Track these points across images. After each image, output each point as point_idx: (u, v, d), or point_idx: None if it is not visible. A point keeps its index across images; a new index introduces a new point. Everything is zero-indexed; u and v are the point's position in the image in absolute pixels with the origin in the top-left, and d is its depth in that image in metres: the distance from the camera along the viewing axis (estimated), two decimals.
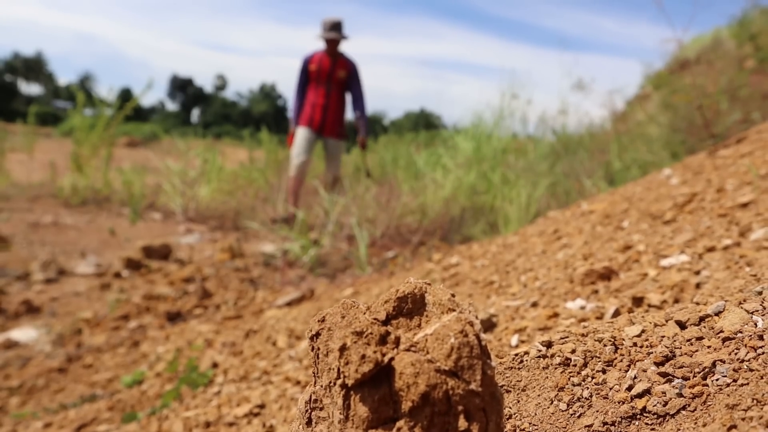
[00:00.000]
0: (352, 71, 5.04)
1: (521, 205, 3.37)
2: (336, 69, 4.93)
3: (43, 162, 5.59)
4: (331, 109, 4.95)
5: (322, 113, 4.91)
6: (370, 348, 0.44)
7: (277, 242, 3.67)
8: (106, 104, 5.22)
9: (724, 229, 1.15)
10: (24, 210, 4.40)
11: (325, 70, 4.91)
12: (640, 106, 4.88)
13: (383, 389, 0.44)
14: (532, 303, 1.17)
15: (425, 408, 0.42)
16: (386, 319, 0.46)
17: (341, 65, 4.96)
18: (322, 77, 4.93)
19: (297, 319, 1.94)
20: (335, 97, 4.96)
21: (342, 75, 4.95)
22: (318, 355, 0.49)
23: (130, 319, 2.62)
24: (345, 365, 0.44)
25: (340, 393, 0.45)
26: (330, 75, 4.93)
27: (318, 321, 0.48)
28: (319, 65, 4.95)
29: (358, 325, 0.45)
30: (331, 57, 4.94)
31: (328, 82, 4.93)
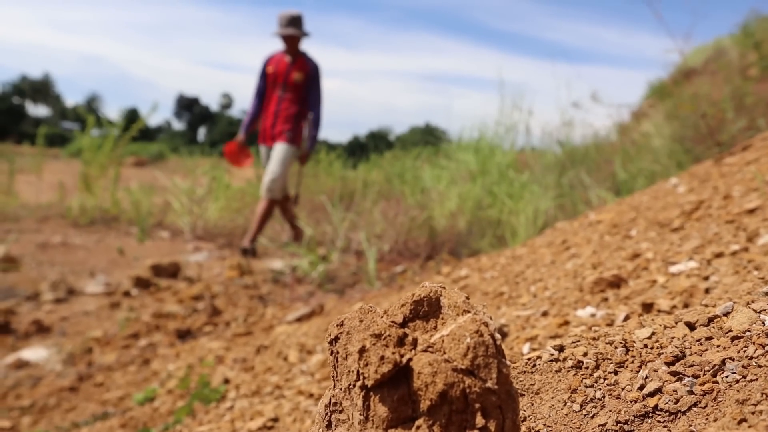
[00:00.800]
0: (311, 74, 4.39)
1: (528, 217, 3.38)
2: (292, 70, 4.33)
3: (52, 183, 5.65)
4: (281, 116, 4.35)
5: (272, 121, 4.35)
6: (388, 349, 0.45)
7: (286, 259, 3.68)
8: (114, 125, 5.29)
9: (731, 235, 1.16)
10: (33, 230, 4.45)
11: (282, 72, 4.34)
12: (645, 117, 4.90)
13: (402, 389, 0.45)
14: (543, 312, 1.18)
15: (443, 406, 0.43)
16: (403, 321, 0.47)
17: (299, 66, 4.35)
18: (278, 80, 4.36)
19: (308, 334, 1.94)
20: (288, 102, 4.35)
21: (298, 78, 4.32)
22: (337, 358, 0.50)
23: (140, 337, 2.63)
24: (364, 367, 0.46)
25: (359, 394, 0.46)
26: (285, 78, 4.34)
27: (337, 325, 0.49)
28: (276, 67, 4.37)
29: (376, 328, 0.46)
30: (290, 57, 4.34)
31: (284, 86, 4.35)
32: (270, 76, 4.38)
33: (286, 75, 4.33)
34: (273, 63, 4.41)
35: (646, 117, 5.00)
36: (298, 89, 4.38)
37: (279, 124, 4.32)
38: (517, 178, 3.89)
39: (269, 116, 4.37)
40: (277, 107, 4.37)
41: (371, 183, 5.23)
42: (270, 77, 4.38)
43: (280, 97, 4.34)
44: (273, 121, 4.33)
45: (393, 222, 3.76)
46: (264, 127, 4.39)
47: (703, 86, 3.98)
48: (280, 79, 4.35)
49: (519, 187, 3.70)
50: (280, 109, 4.36)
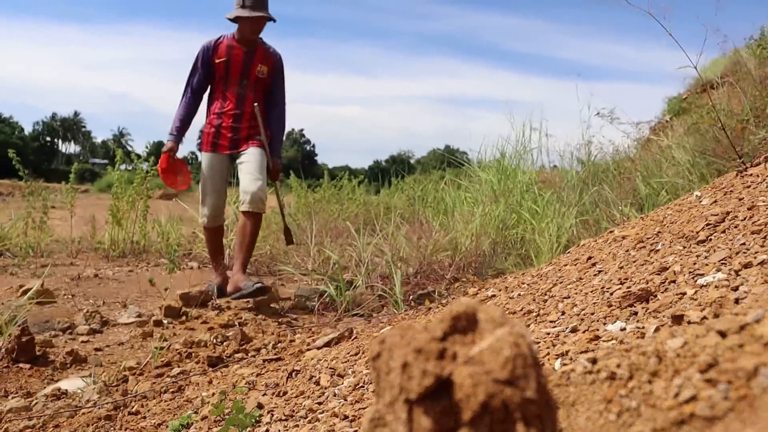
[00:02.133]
0: (276, 66, 3.70)
1: (552, 235, 3.37)
2: (254, 62, 3.59)
3: (83, 217, 5.81)
4: (245, 117, 3.61)
5: (233, 128, 3.61)
6: (430, 363, 0.48)
7: (313, 285, 3.72)
8: (142, 159, 5.44)
9: (758, 245, 1.16)
10: (67, 264, 4.57)
11: (238, 63, 3.56)
12: (665, 132, 4.89)
13: (444, 401, 0.47)
14: (572, 328, 1.19)
15: (485, 417, 0.45)
16: (443, 336, 0.49)
17: (261, 57, 3.61)
18: (233, 74, 3.57)
19: (338, 358, 1.96)
20: (251, 100, 3.61)
21: (262, 71, 3.62)
22: (379, 374, 0.53)
23: (172, 365, 2.66)
24: (407, 381, 0.48)
25: (403, 408, 0.49)
26: (245, 71, 3.57)
27: (379, 342, 0.52)
28: (229, 57, 3.56)
29: (417, 344, 0.49)
30: (246, 46, 3.58)
31: (242, 82, 3.59)
32: (219, 68, 3.60)
33: (245, 67, 3.60)
34: (222, 51, 3.60)
35: (666, 132, 4.99)
36: (262, 85, 3.68)
37: (245, 127, 3.62)
38: (539, 197, 3.90)
39: (226, 117, 3.62)
40: (238, 107, 3.61)
41: (394, 207, 5.28)
42: (220, 69, 3.61)
43: (241, 94, 3.60)
44: (233, 124, 3.61)
45: (417, 245, 3.79)
46: (217, 131, 3.64)
47: (721, 98, 3.97)
48: (236, 72, 3.60)
49: (542, 205, 3.71)
50: (243, 110, 3.62)
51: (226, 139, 3.67)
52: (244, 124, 3.66)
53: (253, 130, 3.68)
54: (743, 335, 0.55)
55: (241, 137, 3.68)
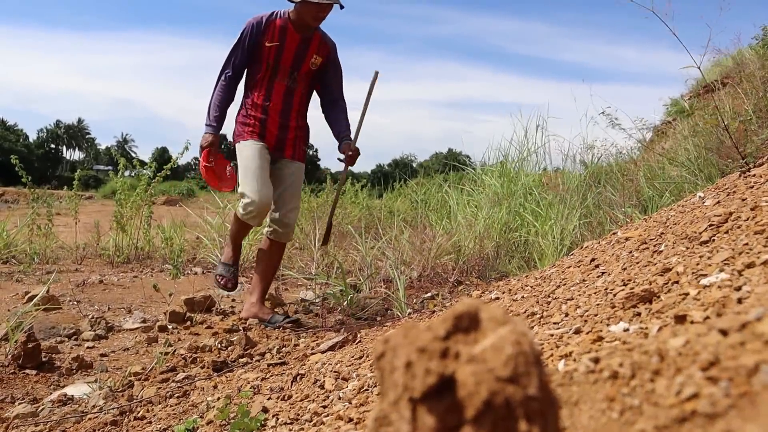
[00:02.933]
0: (332, 57, 3.22)
1: (555, 238, 3.37)
2: (309, 52, 3.10)
3: (88, 224, 5.83)
4: (293, 119, 3.20)
5: (281, 126, 3.17)
6: (433, 362, 0.48)
7: (316, 289, 3.73)
8: (145, 164, 5.47)
9: (761, 245, 1.16)
10: (72, 271, 4.59)
11: (292, 52, 3.07)
12: (667, 133, 4.89)
13: (447, 400, 0.48)
14: (575, 330, 1.19)
15: (488, 414, 0.46)
16: (446, 335, 0.50)
17: (317, 45, 3.13)
18: (284, 64, 3.08)
19: (342, 361, 1.97)
20: (300, 97, 3.21)
21: (317, 63, 3.14)
22: (383, 374, 0.53)
23: (177, 370, 2.67)
24: (411, 380, 0.49)
25: (407, 406, 0.49)
26: (298, 61, 3.09)
27: (382, 342, 0.53)
28: (282, 42, 3.06)
29: (420, 343, 0.49)
30: (303, 32, 3.08)
31: (293, 74, 3.12)
32: (270, 53, 3.06)
33: (298, 57, 3.09)
34: (275, 33, 3.06)
35: (669, 133, 4.99)
36: (311, 77, 3.22)
37: (293, 127, 3.22)
38: (542, 200, 3.90)
39: (273, 113, 3.14)
40: (286, 101, 3.15)
41: (397, 211, 5.28)
42: (270, 55, 3.07)
43: (290, 87, 3.14)
44: (281, 121, 3.17)
45: (420, 249, 3.79)
46: (262, 125, 3.17)
47: (725, 99, 3.97)
48: (288, 61, 3.08)
49: (545, 208, 3.71)
50: (291, 106, 3.16)
51: (272, 135, 3.19)
52: (292, 123, 3.22)
53: (301, 131, 3.29)
54: (745, 333, 0.56)
55: (288, 139, 3.24)
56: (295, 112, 3.24)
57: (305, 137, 3.38)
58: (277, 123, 3.20)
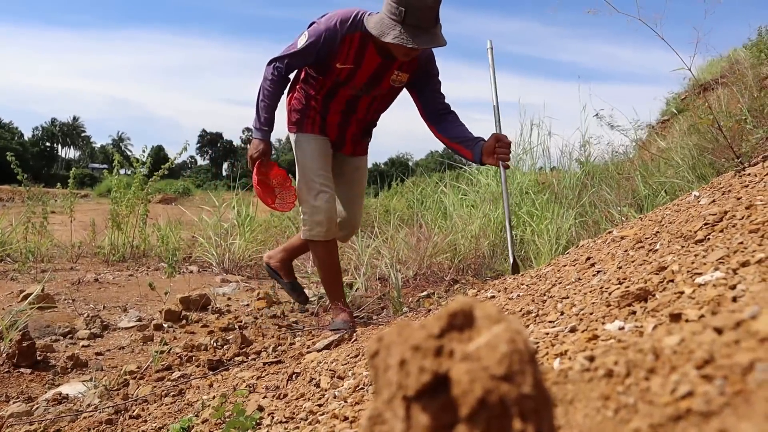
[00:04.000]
0: (422, 69, 2.71)
1: (551, 236, 3.38)
2: (390, 70, 2.64)
3: (83, 222, 5.81)
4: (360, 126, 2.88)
5: (340, 125, 2.82)
6: (427, 360, 0.48)
7: (313, 288, 3.72)
8: (141, 163, 5.45)
9: (756, 243, 1.17)
10: (67, 269, 4.57)
11: (368, 74, 2.63)
12: (663, 133, 4.91)
13: (441, 398, 0.48)
14: (571, 328, 1.20)
15: (482, 412, 0.46)
16: (440, 333, 0.50)
17: (400, 63, 2.63)
18: (356, 83, 2.67)
19: (338, 360, 1.97)
20: (368, 107, 2.80)
21: (400, 80, 2.70)
22: (377, 372, 0.53)
23: (173, 369, 2.67)
24: (405, 378, 0.49)
25: (401, 405, 0.49)
26: (374, 81, 2.67)
27: (376, 340, 0.53)
28: (357, 65, 2.60)
29: (414, 341, 0.49)
30: (386, 55, 2.58)
31: (365, 89, 2.71)
32: (340, 74, 2.63)
33: (375, 78, 2.65)
34: (350, 53, 2.58)
35: (664, 132, 5.00)
36: (392, 93, 2.80)
37: (358, 132, 2.87)
38: (538, 199, 3.91)
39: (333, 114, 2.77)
40: (349, 109, 2.77)
41: (393, 210, 5.28)
42: (339, 74, 2.63)
43: (356, 97, 2.73)
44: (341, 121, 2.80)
45: (416, 247, 3.79)
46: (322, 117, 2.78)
47: (719, 99, 3.98)
48: (360, 81, 2.66)
49: (541, 207, 3.71)
50: (356, 117, 2.81)
51: (333, 129, 2.81)
52: (357, 131, 2.88)
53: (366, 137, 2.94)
54: (739, 331, 0.56)
55: (349, 132, 2.85)
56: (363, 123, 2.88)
57: (368, 128, 2.96)
58: (336, 123, 2.82)
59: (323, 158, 2.76)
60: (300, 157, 2.77)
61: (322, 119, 2.80)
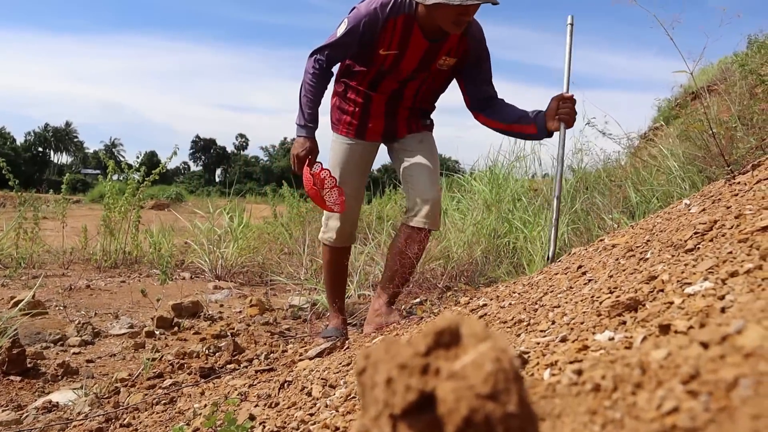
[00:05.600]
0: (473, 52, 2.52)
1: (544, 244, 3.39)
2: (438, 54, 2.46)
3: (75, 228, 5.78)
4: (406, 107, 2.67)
5: (387, 113, 2.64)
6: (413, 378, 0.48)
7: (305, 294, 3.71)
8: (134, 168, 5.43)
9: (745, 253, 1.17)
10: (59, 275, 4.54)
11: (414, 60, 2.47)
12: (655, 139, 4.94)
13: (427, 416, 0.48)
14: (562, 338, 1.20)
15: (468, 431, 0.46)
16: (426, 351, 0.50)
17: (449, 47, 2.46)
18: (402, 70, 2.51)
19: (330, 368, 1.96)
20: (416, 93, 2.61)
21: (447, 64, 2.52)
22: (365, 389, 0.53)
23: (164, 377, 2.66)
24: (391, 396, 0.49)
25: (387, 423, 0.49)
26: (422, 66, 2.50)
27: (364, 357, 0.53)
28: (402, 50, 2.43)
29: (401, 359, 0.49)
30: (433, 36, 2.41)
31: (412, 75, 2.54)
32: (384, 61, 2.47)
33: (423, 63, 2.48)
34: (393, 40, 2.40)
35: (656, 139, 5.04)
36: (440, 78, 2.60)
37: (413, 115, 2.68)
38: (531, 206, 3.92)
39: (376, 104, 2.61)
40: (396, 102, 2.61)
41: (386, 216, 5.28)
42: (384, 62, 2.47)
43: (403, 82, 2.55)
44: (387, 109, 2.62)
45: None
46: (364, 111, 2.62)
47: (710, 106, 4.01)
48: (407, 69, 2.49)
49: (533, 214, 3.72)
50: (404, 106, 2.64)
51: (378, 123, 2.63)
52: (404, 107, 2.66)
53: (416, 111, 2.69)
54: (725, 346, 0.56)
55: (400, 119, 2.65)
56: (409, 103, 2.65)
57: (424, 114, 2.73)
58: (382, 113, 2.63)
59: (353, 165, 2.67)
60: (331, 159, 2.70)
61: (362, 116, 2.64)
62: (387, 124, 2.67)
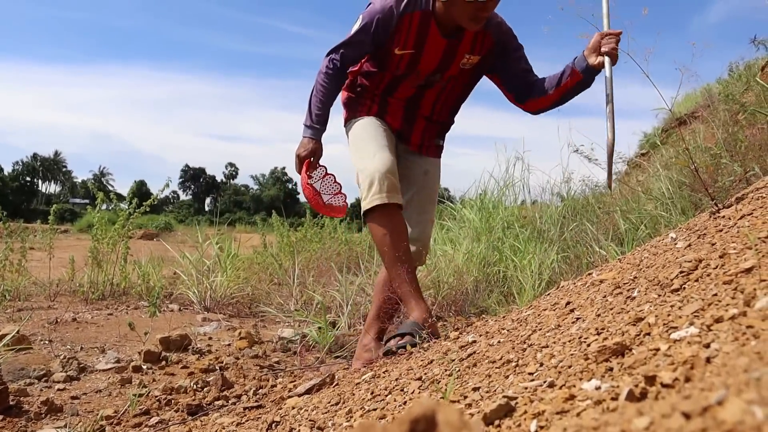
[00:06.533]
0: (499, 47, 2.40)
1: (534, 272, 3.39)
2: (459, 52, 2.35)
3: (62, 259, 5.72)
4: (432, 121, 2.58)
5: (407, 108, 2.52)
6: None
7: (295, 326, 3.68)
8: (124, 199, 5.41)
9: (730, 297, 1.18)
10: (45, 308, 4.48)
11: (434, 60, 2.36)
12: (641, 166, 4.99)
13: None
14: (549, 383, 1.20)
15: None
16: None
17: (471, 43, 2.36)
18: (421, 72, 2.41)
19: (318, 408, 1.94)
20: (441, 89, 2.48)
21: (470, 62, 2.40)
22: None
23: (151, 414, 2.61)
24: None
25: None
26: (442, 66, 2.39)
27: None
28: (419, 50, 2.33)
29: None
30: (451, 33, 2.32)
31: (432, 77, 2.43)
32: (400, 61, 2.36)
33: (443, 63, 2.36)
34: (409, 36, 2.29)
35: (643, 166, 5.09)
36: (464, 77, 2.47)
37: (429, 129, 2.56)
38: (521, 234, 3.93)
39: (397, 101, 2.48)
40: (413, 108, 2.49)
41: None
42: (399, 62, 2.37)
43: (422, 87, 2.45)
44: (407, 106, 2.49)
45: None
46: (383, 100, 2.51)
47: (695, 133, 4.07)
48: (426, 70, 2.39)
49: (523, 242, 3.73)
50: (422, 114, 2.52)
51: (397, 114, 2.50)
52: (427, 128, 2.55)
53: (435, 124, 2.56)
54: (706, 418, 0.56)
55: (416, 127, 2.53)
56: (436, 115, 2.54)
57: (441, 131, 2.62)
58: (402, 107, 2.50)
59: (380, 130, 2.44)
60: (352, 136, 2.49)
61: (382, 101, 2.51)
62: (403, 124, 2.54)
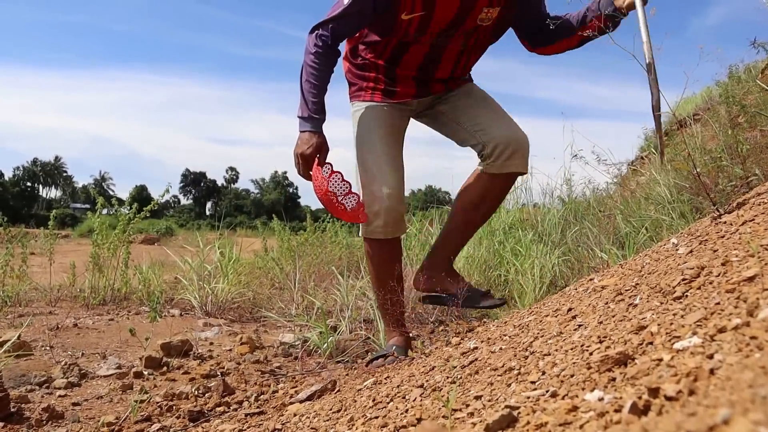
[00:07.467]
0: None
1: (535, 276, 3.39)
2: (477, 7, 2.10)
3: (63, 264, 5.72)
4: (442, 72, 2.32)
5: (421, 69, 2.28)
6: None
7: (296, 331, 3.68)
8: (124, 203, 5.40)
9: (732, 306, 1.18)
10: (45, 313, 4.47)
11: (447, 17, 2.09)
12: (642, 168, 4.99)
13: None
14: (552, 393, 1.19)
15: None
16: None
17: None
18: (432, 31, 2.15)
19: (320, 415, 1.94)
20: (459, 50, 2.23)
21: (489, 17, 2.14)
22: None
23: (152, 420, 2.61)
24: None
25: None
26: (457, 21, 2.12)
27: None
28: (429, 10, 2.06)
29: None
30: None
31: (447, 32, 2.17)
32: (408, 26, 2.11)
33: (458, 18, 2.09)
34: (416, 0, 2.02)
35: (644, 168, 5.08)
36: (483, 34, 2.23)
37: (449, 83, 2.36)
38: (522, 237, 3.92)
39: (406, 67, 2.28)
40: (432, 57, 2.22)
41: None
42: (408, 27, 2.11)
43: (437, 44, 2.19)
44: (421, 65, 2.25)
45: None
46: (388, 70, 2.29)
47: (695, 135, 4.06)
48: (437, 27, 2.12)
49: (525, 245, 3.73)
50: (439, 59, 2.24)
51: (408, 82, 2.27)
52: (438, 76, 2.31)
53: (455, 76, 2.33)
54: None
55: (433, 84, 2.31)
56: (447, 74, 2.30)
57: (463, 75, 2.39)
58: (417, 67, 2.26)
59: (386, 129, 2.28)
60: (357, 133, 2.30)
61: (387, 70, 2.29)
62: (420, 80, 2.31)
